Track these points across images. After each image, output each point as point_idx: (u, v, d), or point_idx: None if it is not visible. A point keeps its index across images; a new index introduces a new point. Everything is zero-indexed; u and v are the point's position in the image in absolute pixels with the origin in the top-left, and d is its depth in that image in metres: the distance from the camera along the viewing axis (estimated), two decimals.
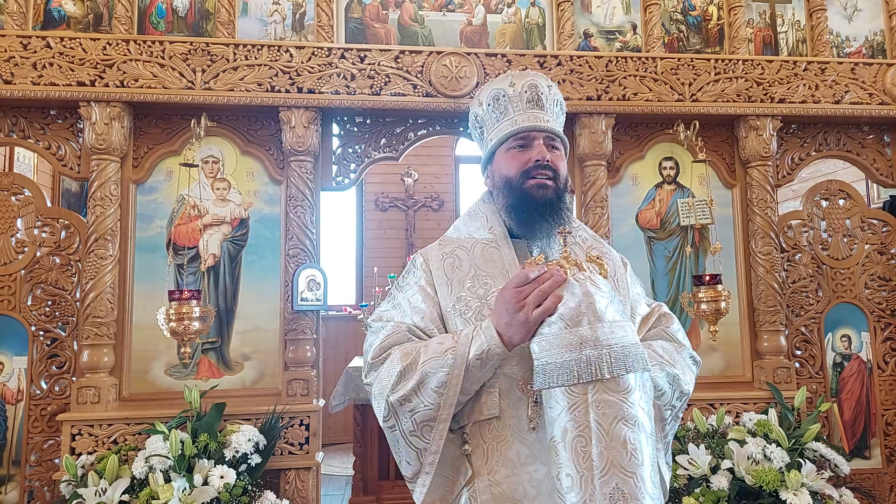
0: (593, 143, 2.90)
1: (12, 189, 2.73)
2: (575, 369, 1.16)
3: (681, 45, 3.15)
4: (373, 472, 4.14)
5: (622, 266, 1.56)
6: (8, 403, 2.64)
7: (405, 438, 1.34)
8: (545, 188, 1.40)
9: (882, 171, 3.22)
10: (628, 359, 1.17)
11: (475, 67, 2.85)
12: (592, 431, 1.14)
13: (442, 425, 1.29)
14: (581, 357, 1.16)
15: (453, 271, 1.45)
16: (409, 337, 1.40)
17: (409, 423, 1.32)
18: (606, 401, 1.15)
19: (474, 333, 1.29)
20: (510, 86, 1.47)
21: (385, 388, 1.33)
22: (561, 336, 1.19)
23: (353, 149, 2.96)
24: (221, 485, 2.27)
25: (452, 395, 1.28)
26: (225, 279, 2.79)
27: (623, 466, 1.12)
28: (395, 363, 1.33)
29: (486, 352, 1.26)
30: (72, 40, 2.63)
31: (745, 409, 2.82)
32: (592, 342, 1.17)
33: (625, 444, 1.13)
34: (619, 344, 1.18)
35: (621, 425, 1.14)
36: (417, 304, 1.44)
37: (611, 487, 1.11)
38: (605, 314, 1.20)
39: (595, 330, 1.18)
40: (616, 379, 1.16)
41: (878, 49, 3.27)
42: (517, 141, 1.45)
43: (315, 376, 2.75)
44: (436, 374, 1.28)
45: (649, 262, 3.03)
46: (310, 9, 2.91)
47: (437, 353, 1.30)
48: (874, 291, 3.14)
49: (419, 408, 1.30)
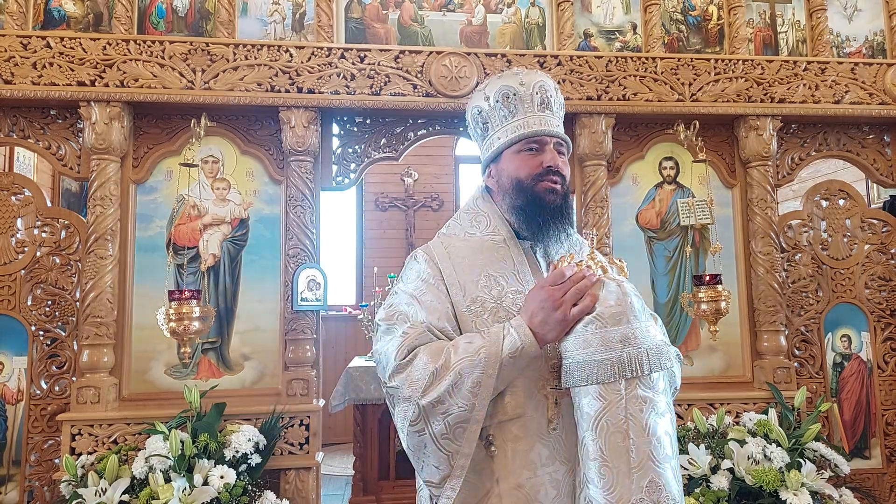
0: (593, 143, 2.90)
1: (12, 189, 2.73)
2: (616, 366, 1.20)
3: (681, 45, 3.15)
4: (373, 472, 4.14)
5: None
6: (8, 403, 2.64)
7: (436, 442, 1.29)
8: (555, 193, 1.43)
9: (882, 171, 3.21)
10: (662, 356, 1.23)
11: (475, 67, 2.85)
12: (630, 426, 1.18)
13: (475, 426, 1.27)
14: (622, 355, 1.20)
15: (462, 270, 1.43)
16: (430, 337, 1.36)
17: (442, 425, 1.27)
18: (642, 397, 1.20)
19: (505, 332, 1.28)
20: (520, 84, 1.47)
21: (416, 391, 1.29)
22: (600, 334, 1.22)
23: (352, 149, 2.96)
24: (221, 485, 2.27)
25: (486, 395, 1.26)
26: (225, 279, 2.79)
27: (657, 459, 1.17)
28: (426, 364, 1.29)
29: (519, 349, 1.26)
30: (72, 40, 2.63)
31: (745, 409, 2.82)
32: (632, 340, 1.21)
33: (659, 439, 1.18)
34: (654, 342, 1.23)
35: (655, 419, 1.19)
36: (430, 302, 1.39)
37: (647, 480, 1.15)
38: (641, 314, 1.25)
39: (634, 329, 1.22)
40: (649, 376, 1.21)
41: (879, 49, 3.27)
42: (530, 143, 1.45)
43: (315, 376, 2.75)
44: (470, 373, 1.26)
45: (649, 262, 3.03)
46: (309, 9, 2.91)
47: (470, 353, 1.27)
48: (874, 291, 3.14)
49: (452, 409, 1.26)
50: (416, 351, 1.33)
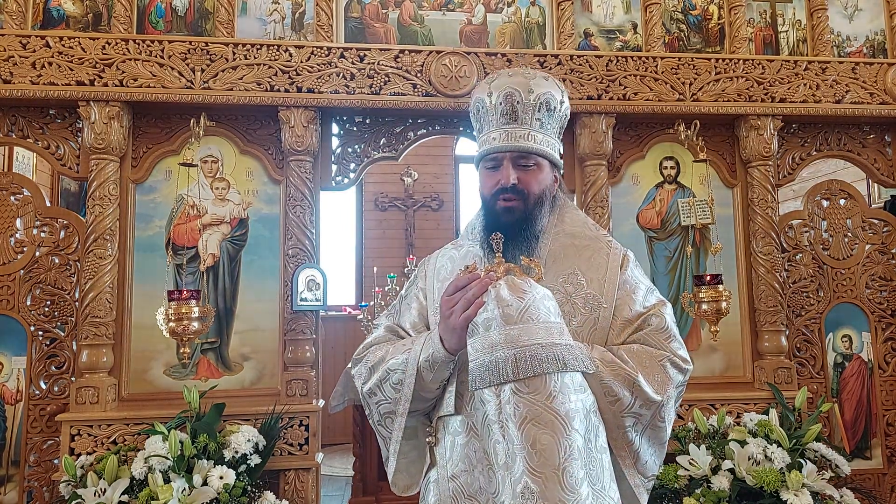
0: (594, 142, 2.90)
1: (11, 189, 2.72)
2: (489, 370, 1.21)
3: (681, 45, 3.14)
4: (372, 472, 4.13)
5: (617, 265, 1.50)
6: (7, 404, 2.63)
7: (375, 427, 1.50)
8: (510, 211, 1.45)
9: (883, 171, 3.21)
10: (536, 360, 1.19)
11: (475, 67, 2.84)
12: (506, 431, 1.18)
13: (400, 418, 1.42)
14: (492, 359, 1.21)
15: (441, 276, 1.55)
16: (389, 336, 1.55)
17: (376, 413, 1.47)
18: (517, 402, 1.19)
19: (426, 339, 1.39)
20: (487, 95, 1.49)
21: (360, 380, 1.49)
22: (479, 340, 1.24)
23: (352, 148, 2.95)
24: (221, 485, 2.26)
25: (407, 393, 1.39)
26: (224, 279, 2.79)
27: (532, 467, 1.15)
28: (369, 359, 1.48)
29: (431, 355, 1.36)
30: (71, 39, 2.62)
31: (745, 410, 2.81)
32: (502, 345, 1.21)
33: (534, 445, 1.16)
34: (531, 345, 1.20)
35: (531, 426, 1.17)
36: (409, 307, 1.57)
37: (521, 485, 1.15)
38: (518, 317, 1.22)
39: (504, 333, 1.21)
40: (529, 380, 1.19)
41: (879, 49, 3.26)
42: (489, 161, 1.49)
43: (314, 376, 2.74)
44: (394, 372, 1.41)
45: (650, 262, 3.02)
46: (309, 8, 2.90)
47: (397, 353, 1.42)
48: (875, 291, 3.14)
49: (382, 401, 1.45)
50: (371, 347, 1.53)
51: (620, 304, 1.46)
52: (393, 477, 1.49)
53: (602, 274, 1.47)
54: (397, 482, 1.50)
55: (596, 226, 1.61)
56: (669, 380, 1.40)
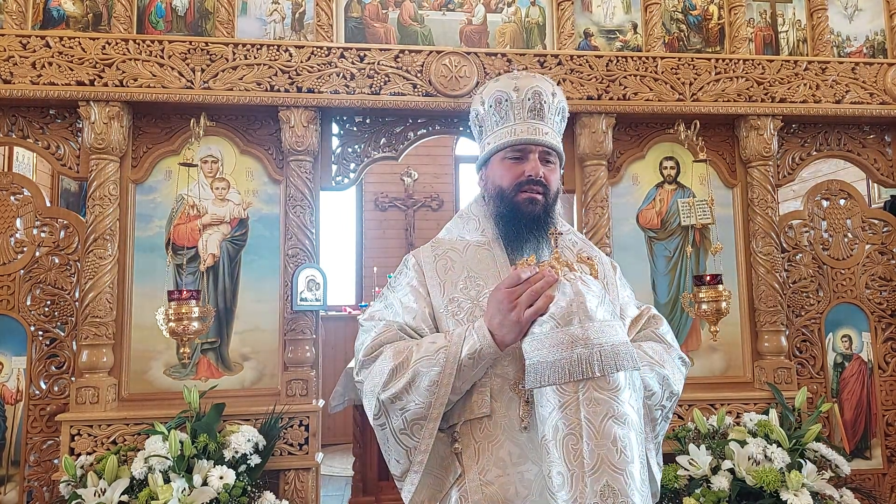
0: (593, 142, 2.90)
1: (11, 189, 2.72)
2: (567, 368, 1.17)
3: (681, 45, 3.14)
4: (372, 472, 4.13)
5: (612, 269, 1.58)
6: (7, 404, 2.63)
7: (395, 436, 1.35)
8: (535, 203, 1.43)
9: (883, 171, 3.21)
10: (618, 357, 1.19)
11: (475, 67, 2.84)
12: (583, 429, 1.16)
13: (432, 424, 1.31)
14: (572, 355, 1.17)
15: (446, 272, 1.47)
16: (400, 335, 1.42)
17: (400, 421, 1.33)
18: (597, 399, 1.17)
19: (467, 333, 1.31)
20: (514, 90, 1.47)
21: (376, 386, 1.34)
22: (552, 335, 1.20)
23: (352, 148, 2.95)
24: (221, 485, 2.26)
25: (444, 394, 1.29)
26: (224, 279, 2.79)
27: (613, 463, 1.14)
28: (386, 361, 1.35)
29: (478, 351, 1.28)
30: (71, 39, 2.62)
31: (745, 410, 2.81)
32: (583, 341, 1.18)
33: (615, 442, 1.15)
34: (609, 343, 1.19)
35: (611, 423, 1.16)
36: (409, 303, 1.46)
37: (601, 484, 1.13)
38: (596, 313, 1.22)
39: (586, 329, 1.19)
40: (606, 377, 1.17)
41: (879, 49, 3.26)
42: (513, 152, 1.46)
43: (314, 376, 2.74)
44: (427, 372, 1.29)
45: (650, 262, 3.02)
46: (309, 8, 2.90)
47: (430, 353, 1.31)
48: (875, 292, 3.14)
49: (410, 406, 1.31)
50: (381, 348, 1.39)
51: (624, 303, 1.52)
52: (413, 495, 1.36)
53: (602, 274, 1.50)
54: (416, 499, 1.37)
55: (576, 232, 1.66)
56: (681, 374, 1.46)
